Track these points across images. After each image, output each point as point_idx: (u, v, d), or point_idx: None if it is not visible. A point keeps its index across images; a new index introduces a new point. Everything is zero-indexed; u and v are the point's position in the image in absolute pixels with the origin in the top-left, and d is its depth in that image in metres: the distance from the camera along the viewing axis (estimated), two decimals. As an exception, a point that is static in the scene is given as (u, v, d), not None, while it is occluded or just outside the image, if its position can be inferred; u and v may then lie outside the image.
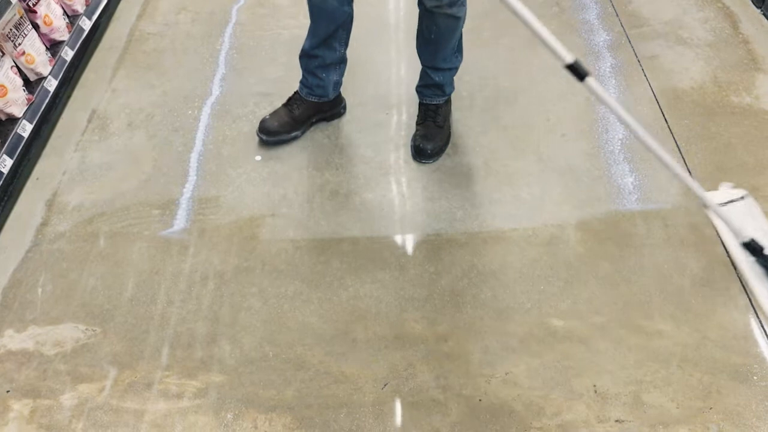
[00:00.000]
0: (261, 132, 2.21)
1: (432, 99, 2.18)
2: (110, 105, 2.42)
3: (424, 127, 2.16)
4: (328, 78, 2.15)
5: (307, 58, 2.13)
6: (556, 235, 1.90)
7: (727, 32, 2.57)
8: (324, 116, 2.28)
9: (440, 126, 2.16)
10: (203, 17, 2.82)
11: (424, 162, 2.14)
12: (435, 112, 2.17)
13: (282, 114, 2.21)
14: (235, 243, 1.94)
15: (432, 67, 2.10)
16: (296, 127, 2.21)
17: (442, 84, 2.13)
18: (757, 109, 2.24)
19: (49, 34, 2.38)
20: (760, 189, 2.00)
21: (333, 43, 2.07)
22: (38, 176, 2.18)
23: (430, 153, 2.13)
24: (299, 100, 2.21)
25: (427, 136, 2.14)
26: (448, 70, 2.12)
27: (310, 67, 2.14)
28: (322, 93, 2.19)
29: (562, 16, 2.71)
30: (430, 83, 2.14)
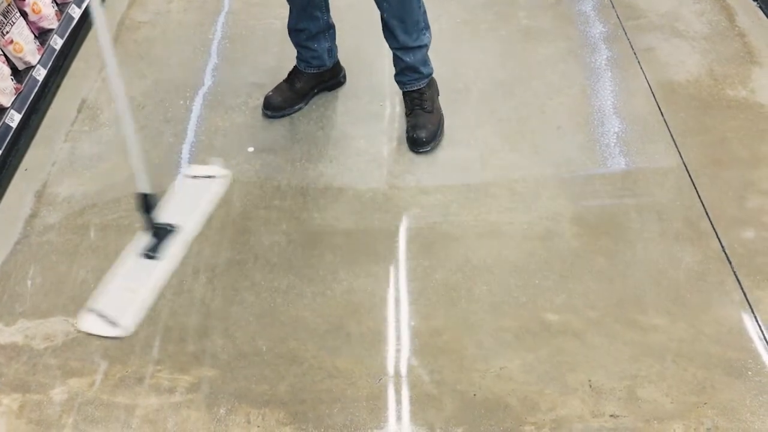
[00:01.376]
0: (266, 108, 2.24)
1: (412, 85, 2.14)
2: (100, 94, 2.39)
3: (414, 116, 2.14)
4: (320, 47, 2.17)
5: (295, 32, 2.16)
6: (551, 228, 1.89)
7: (723, 25, 2.56)
8: (326, 86, 2.31)
9: (429, 111, 2.13)
10: (195, 6, 2.78)
11: (421, 151, 2.11)
12: (420, 98, 2.14)
13: (284, 89, 2.25)
14: (227, 236, 1.92)
15: (399, 48, 2.05)
16: (299, 100, 2.25)
17: (415, 65, 2.08)
18: (752, 102, 2.24)
19: (37, 22, 2.34)
20: (755, 183, 1.99)
21: (314, 12, 2.08)
22: (27, 167, 2.14)
23: (425, 140, 2.10)
24: (299, 73, 2.24)
25: (419, 125, 2.11)
26: (417, 48, 2.05)
27: (300, 40, 2.17)
28: (319, 63, 2.21)
29: (558, 7, 2.69)
30: (404, 66, 2.10)
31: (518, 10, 2.68)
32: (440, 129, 2.15)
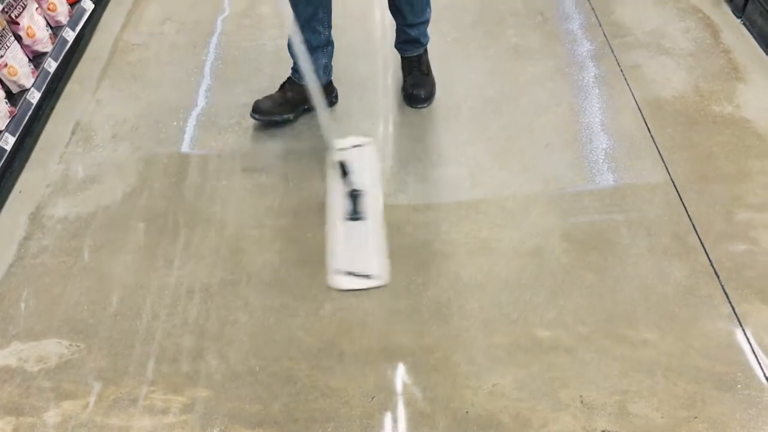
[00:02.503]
0: (254, 111, 2.26)
1: (412, 52, 2.37)
2: (94, 116, 2.41)
3: (412, 77, 2.38)
4: (317, 61, 2.21)
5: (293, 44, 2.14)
6: (541, 245, 1.91)
7: (708, 42, 2.61)
8: None
9: (425, 74, 2.39)
10: (188, 28, 2.81)
11: (419, 107, 2.35)
12: (418, 62, 2.38)
13: (275, 97, 2.29)
14: (221, 256, 1.93)
15: (407, 24, 2.28)
16: (289, 109, 2.28)
17: (418, 37, 2.32)
18: (738, 118, 2.27)
19: (32, 46, 2.36)
20: (742, 197, 2.02)
21: (316, 26, 2.15)
22: (21, 189, 2.16)
23: (423, 97, 2.35)
24: (293, 83, 2.28)
25: (417, 84, 2.36)
26: (421, 24, 2.29)
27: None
28: None
29: (545, 26, 2.73)
30: (408, 39, 2.33)
31: (507, 29, 2.72)
32: (434, 90, 2.39)
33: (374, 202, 1.89)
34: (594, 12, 2.79)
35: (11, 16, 2.26)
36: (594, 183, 2.08)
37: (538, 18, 2.78)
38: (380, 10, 2.85)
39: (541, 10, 2.82)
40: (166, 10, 2.91)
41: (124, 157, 2.25)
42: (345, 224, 1.90)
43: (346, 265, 1.84)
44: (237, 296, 1.82)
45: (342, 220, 1.87)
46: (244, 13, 2.87)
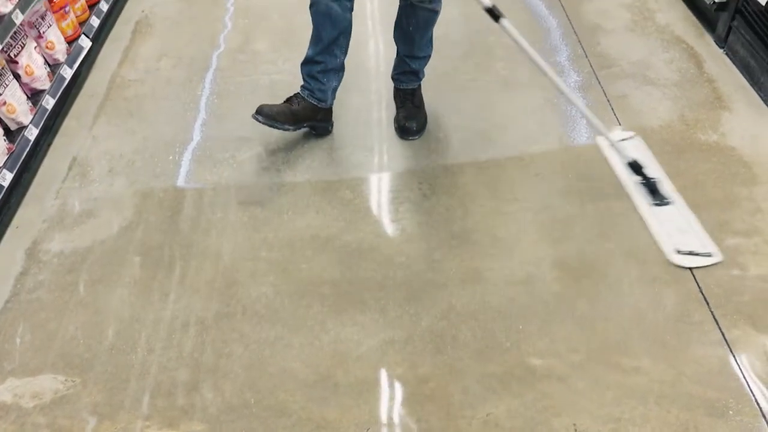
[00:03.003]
0: (257, 113, 2.25)
1: (408, 84, 2.45)
2: (91, 152, 2.44)
3: (405, 109, 2.45)
4: (328, 83, 2.33)
5: (311, 64, 2.30)
6: (532, 273, 1.93)
7: (692, 72, 2.67)
8: (314, 123, 2.40)
9: (418, 107, 2.46)
10: (184, 63, 2.87)
11: (410, 139, 2.40)
12: (412, 95, 2.46)
13: (281, 106, 2.34)
14: (215, 288, 1.95)
15: (410, 56, 2.37)
16: (291, 120, 2.30)
17: (418, 70, 2.42)
18: (723, 146, 2.32)
19: (30, 84, 2.41)
20: (729, 224, 2.05)
21: (335, 50, 2.26)
22: (18, 224, 2.18)
23: (415, 130, 2.41)
24: (300, 98, 2.35)
25: (410, 116, 2.42)
26: (423, 58, 2.39)
27: (313, 72, 2.31)
28: (321, 97, 2.34)
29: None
30: (407, 70, 2.41)
31: (496, 62, 2.78)
32: (426, 123, 2.45)
33: (669, 186, 2.05)
34: (580, 44, 2.85)
35: (10, 55, 2.31)
36: (584, 211, 2.11)
37: (526, 50, 2.84)
38: (374, 42, 2.91)
39: (529, 42, 2.88)
40: (162, 46, 2.97)
41: (120, 191, 2.28)
42: (656, 210, 2.03)
43: (682, 246, 1.94)
44: (232, 328, 1.84)
45: (650, 207, 2.02)
46: (239, 48, 2.93)
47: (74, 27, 2.74)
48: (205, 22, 3.12)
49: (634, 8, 3.08)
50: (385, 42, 2.86)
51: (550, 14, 3.05)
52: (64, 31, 2.67)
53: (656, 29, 2.93)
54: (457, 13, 3.08)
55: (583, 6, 3.11)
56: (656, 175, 2.14)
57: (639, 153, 2.23)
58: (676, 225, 2.02)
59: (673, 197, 2.06)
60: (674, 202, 2.06)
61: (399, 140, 2.42)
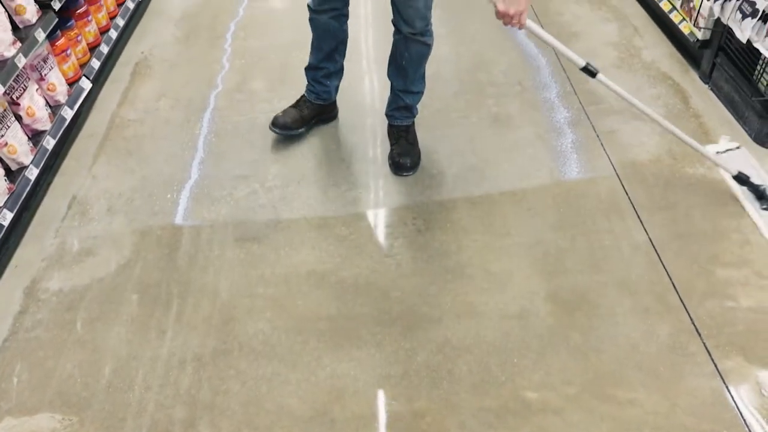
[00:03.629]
0: (274, 126, 2.56)
1: (402, 120, 2.52)
2: (90, 191, 2.48)
3: (399, 146, 2.50)
4: (332, 84, 2.59)
5: (314, 70, 2.55)
6: (526, 307, 1.95)
7: (678, 107, 2.74)
8: (324, 117, 2.68)
9: (412, 144, 2.52)
10: (182, 103, 2.92)
11: (404, 175, 2.46)
12: (406, 131, 2.52)
13: (292, 113, 2.59)
14: (212, 325, 1.96)
15: (403, 91, 2.45)
16: (302, 124, 2.60)
17: (411, 106, 2.49)
18: (710, 179, 2.37)
19: (31, 125, 2.45)
20: (719, 256, 2.09)
21: (335, 56, 2.51)
22: (17, 264, 2.20)
23: (409, 166, 2.46)
24: (307, 102, 2.62)
25: (403, 153, 2.48)
26: (416, 94, 2.48)
27: (317, 77, 2.56)
28: (327, 97, 2.62)
29: (524, 94, 2.87)
30: (401, 105, 2.49)
31: (487, 99, 2.85)
32: (419, 160, 2.50)
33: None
34: (569, 81, 2.93)
35: (12, 97, 2.36)
36: (574, 245, 2.15)
37: (516, 87, 2.91)
38: (369, 81, 2.98)
39: (519, 79, 2.96)
40: (161, 87, 3.03)
41: (118, 229, 2.30)
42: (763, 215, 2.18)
43: None
44: (229, 365, 1.85)
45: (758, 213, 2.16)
46: (236, 88, 2.99)
47: (75, 69, 2.80)
48: (203, 63, 3.19)
49: (620, 46, 3.17)
50: (380, 80, 2.94)
51: (540, 53, 3.13)
52: (66, 73, 2.72)
53: (642, 66, 3.01)
54: (448, 51, 3.16)
55: (571, 45, 3.17)
56: (762, 182, 2.25)
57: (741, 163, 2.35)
58: None
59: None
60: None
61: (393, 176, 2.46)
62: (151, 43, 3.37)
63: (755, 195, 2.25)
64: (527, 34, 3.27)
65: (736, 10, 2.45)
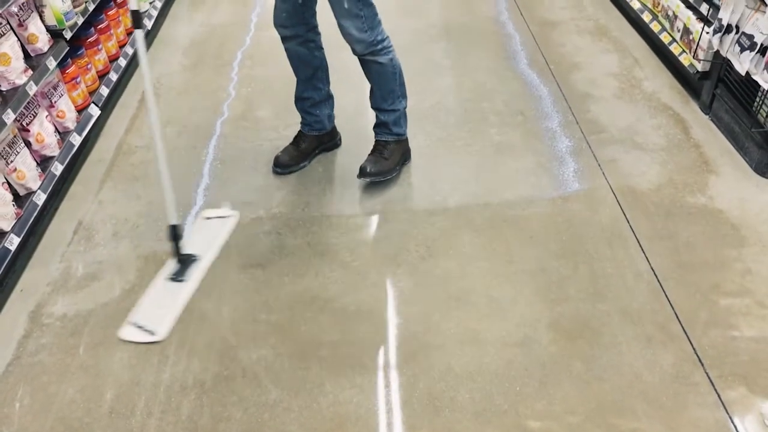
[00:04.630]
0: (276, 166, 2.63)
1: (382, 136, 2.57)
2: (96, 216, 2.50)
3: (373, 156, 2.55)
4: (321, 113, 2.62)
5: (300, 101, 2.60)
6: (529, 335, 1.96)
7: (679, 137, 2.77)
8: (325, 147, 2.73)
9: (386, 158, 2.54)
10: (189, 130, 2.97)
11: (364, 179, 2.51)
12: (384, 147, 2.55)
13: (291, 150, 2.65)
14: (215, 350, 1.97)
15: (377, 108, 2.52)
16: (303, 158, 2.66)
17: (388, 122, 2.53)
18: (711, 208, 2.39)
19: (40, 151, 2.49)
20: (720, 285, 2.10)
21: (316, 84, 2.54)
22: (22, 288, 2.21)
23: (369, 172, 2.49)
24: (303, 135, 2.67)
25: (372, 161, 2.52)
26: (391, 111, 2.50)
27: (305, 107, 2.60)
28: (320, 127, 2.65)
29: (526, 124, 2.90)
30: (379, 122, 2.55)
31: (489, 128, 2.88)
32: (386, 175, 2.53)
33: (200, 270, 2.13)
34: (571, 110, 2.97)
35: (23, 123, 2.40)
36: (577, 273, 2.16)
37: (518, 117, 2.95)
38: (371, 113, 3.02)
39: (521, 109, 3.00)
40: (168, 113, 3.08)
41: (124, 254, 2.32)
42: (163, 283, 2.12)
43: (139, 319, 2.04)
44: (231, 392, 1.85)
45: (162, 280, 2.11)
46: (242, 116, 3.04)
47: (84, 96, 2.85)
48: (209, 90, 3.25)
49: (621, 77, 3.22)
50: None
51: (542, 83, 3.18)
52: (75, 100, 2.77)
53: (643, 96, 3.05)
54: (450, 81, 3.21)
55: (572, 75, 3.25)
56: (197, 255, 2.20)
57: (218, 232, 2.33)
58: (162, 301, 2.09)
59: (190, 279, 2.13)
60: (186, 283, 2.13)
61: (397, 204, 2.48)
62: (159, 70, 3.43)
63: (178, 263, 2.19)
64: (530, 64, 3.32)
65: (734, 43, 2.50)
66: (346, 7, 2.20)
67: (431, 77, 2.85)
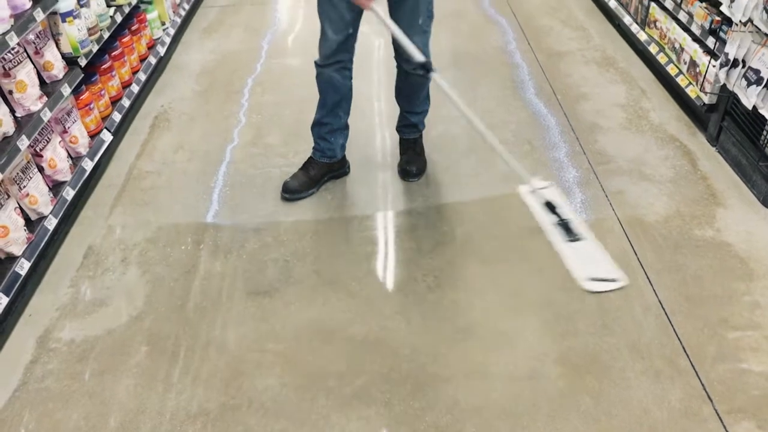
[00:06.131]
0: (284, 192, 2.68)
1: (410, 135, 2.78)
2: (106, 241, 2.52)
3: (407, 155, 2.78)
4: (335, 141, 2.68)
5: (318, 126, 2.66)
6: (536, 369, 1.95)
7: (686, 169, 2.78)
8: (334, 174, 2.77)
9: (419, 154, 2.79)
10: (199, 156, 3.00)
11: (411, 180, 2.73)
12: (414, 144, 2.79)
13: (300, 176, 2.70)
14: (221, 379, 1.96)
15: (408, 111, 2.71)
16: (312, 185, 2.70)
17: (417, 123, 2.75)
18: (719, 241, 2.39)
19: (52, 176, 2.52)
20: (729, 319, 2.09)
21: (338, 112, 2.61)
22: (31, 313, 2.22)
23: (415, 173, 2.74)
24: (314, 162, 2.72)
25: (411, 161, 2.76)
26: (420, 113, 2.73)
27: (321, 133, 2.66)
28: (332, 155, 2.70)
29: (533, 154, 2.92)
30: (408, 123, 2.75)
31: (496, 157, 2.87)
32: (425, 169, 2.79)
33: (582, 228, 2.13)
34: (578, 141, 2.98)
35: (36, 149, 2.43)
36: (585, 306, 2.15)
37: (526, 146, 2.97)
38: (380, 137, 3.05)
39: (528, 139, 3.02)
40: (179, 139, 3.12)
41: (132, 280, 2.33)
42: (570, 246, 2.12)
43: (591, 273, 2.03)
44: (237, 421, 1.84)
45: (565, 244, 2.12)
46: (252, 142, 3.07)
47: (97, 122, 2.89)
48: (220, 117, 3.28)
49: (628, 108, 3.24)
50: (391, 136, 2.99)
51: (549, 113, 3.20)
52: (88, 126, 2.81)
53: (650, 128, 3.07)
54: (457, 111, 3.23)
55: (579, 105, 3.28)
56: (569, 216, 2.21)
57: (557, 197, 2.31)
58: (587, 256, 2.09)
59: (584, 234, 2.13)
60: (586, 238, 2.13)
61: (404, 234, 2.49)
62: (171, 97, 3.48)
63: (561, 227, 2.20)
64: (537, 94, 3.35)
65: (741, 78, 2.52)
66: (420, 23, 2.35)
67: (438, 106, 2.88)
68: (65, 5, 2.61)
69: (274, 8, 4.54)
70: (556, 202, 2.22)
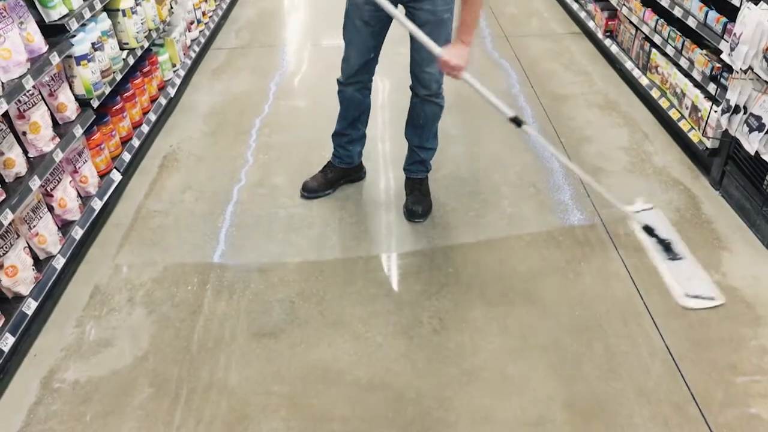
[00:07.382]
0: (303, 190, 2.94)
1: (417, 174, 2.85)
2: (112, 280, 2.53)
3: (413, 195, 2.83)
4: (354, 150, 2.91)
5: (339, 136, 2.87)
6: (543, 414, 1.93)
7: (690, 213, 2.79)
8: (350, 178, 3.01)
9: (425, 195, 2.84)
10: (207, 196, 3.03)
11: (416, 221, 2.77)
12: (420, 183, 2.85)
13: (319, 177, 2.96)
14: (226, 422, 1.95)
15: (419, 147, 2.78)
16: (329, 186, 2.96)
17: (426, 160, 2.82)
18: (725, 286, 2.38)
19: (62, 215, 2.54)
20: (737, 365, 2.08)
21: (357, 125, 2.83)
22: (36, 353, 2.22)
23: (421, 213, 2.78)
24: (332, 167, 2.96)
25: (417, 202, 2.80)
26: (430, 149, 2.81)
27: (341, 142, 2.89)
28: (350, 161, 2.94)
29: (538, 196, 2.94)
30: (417, 160, 2.81)
31: (502, 199, 2.93)
32: (430, 209, 2.83)
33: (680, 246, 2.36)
34: (582, 184, 3.01)
35: (47, 189, 2.46)
36: (592, 349, 2.14)
37: (530, 189, 3.00)
38: (384, 180, 3.08)
39: (533, 181, 3.05)
40: (186, 180, 3.15)
41: (138, 320, 2.34)
42: (670, 264, 2.34)
43: (690, 291, 2.24)
44: (241, 466, 1.82)
45: (665, 262, 2.34)
46: (259, 183, 3.10)
47: (107, 162, 2.93)
48: (228, 157, 3.33)
49: (631, 151, 3.27)
50: (396, 179, 3.03)
51: (553, 156, 3.23)
52: (98, 166, 2.85)
53: (654, 171, 3.10)
54: (463, 152, 3.28)
55: (583, 148, 3.32)
56: (668, 237, 2.45)
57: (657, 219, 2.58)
58: (686, 275, 2.31)
59: (684, 254, 2.36)
60: (685, 257, 2.35)
61: (410, 275, 2.50)
62: (180, 137, 3.53)
63: (662, 246, 2.43)
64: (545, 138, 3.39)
65: (743, 124, 2.56)
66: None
67: (443, 147, 2.92)
68: (80, 49, 2.68)
69: (282, 51, 4.64)
70: (656, 223, 2.39)
